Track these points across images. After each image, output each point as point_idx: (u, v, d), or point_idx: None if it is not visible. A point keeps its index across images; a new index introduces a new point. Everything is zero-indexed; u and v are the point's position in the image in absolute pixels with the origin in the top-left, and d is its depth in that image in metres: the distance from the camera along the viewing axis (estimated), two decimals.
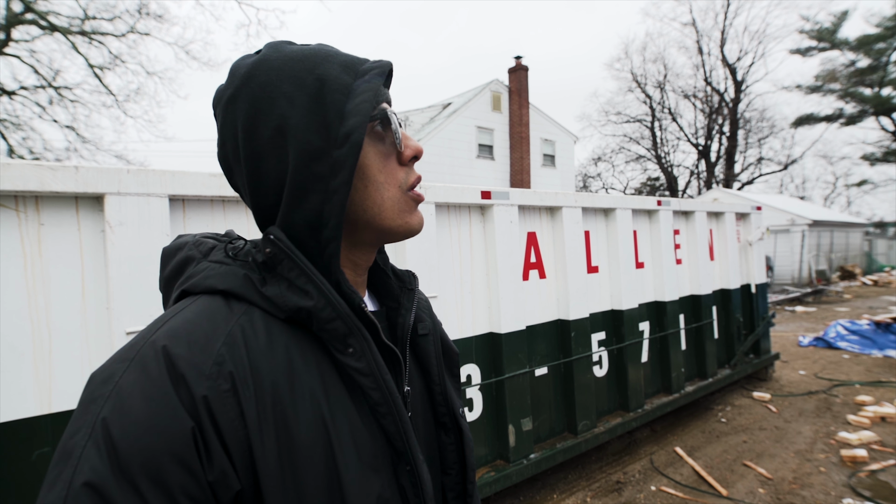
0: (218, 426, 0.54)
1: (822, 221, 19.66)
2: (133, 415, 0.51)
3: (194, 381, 0.54)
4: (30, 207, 1.91)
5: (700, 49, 30.14)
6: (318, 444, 0.58)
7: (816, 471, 3.87)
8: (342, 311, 0.62)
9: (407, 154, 0.70)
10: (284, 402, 0.58)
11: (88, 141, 14.45)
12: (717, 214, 5.61)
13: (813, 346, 8.22)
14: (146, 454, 0.50)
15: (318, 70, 0.64)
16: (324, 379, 0.61)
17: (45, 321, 1.92)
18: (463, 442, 0.78)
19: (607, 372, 4.14)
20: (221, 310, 0.61)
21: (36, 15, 12.95)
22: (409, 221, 0.70)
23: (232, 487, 0.54)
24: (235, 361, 0.57)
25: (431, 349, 0.78)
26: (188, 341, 0.56)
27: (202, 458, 0.52)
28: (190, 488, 0.51)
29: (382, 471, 0.62)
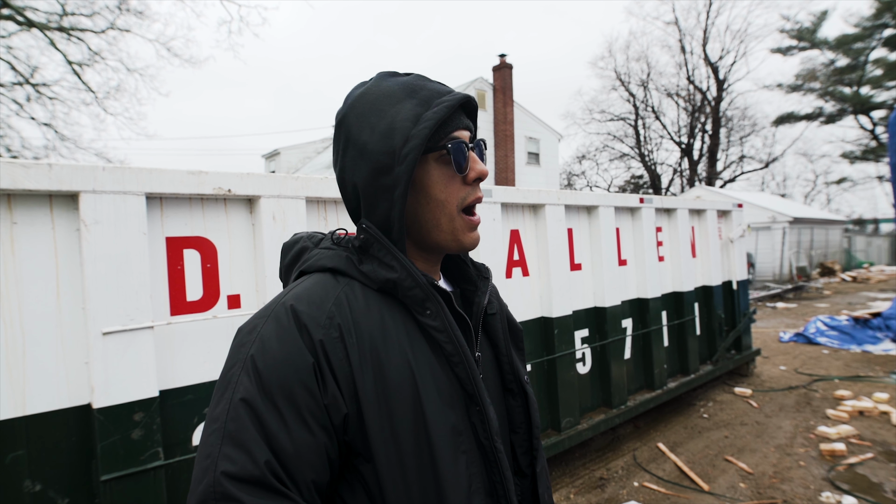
0: (331, 363, 0.73)
1: (802, 219, 19.97)
2: (272, 352, 0.72)
3: (313, 329, 0.73)
4: (2, 206, 1.87)
5: (683, 48, 30.46)
6: (405, 383, 0.75)
7: (796, 465, 3.94)
8: (420, 282, 0.79)
9: (470, 176, 0.83)
10: (379, 349, 0.75)
11: (67, 139, 14.18)
12: (699, 212, 5.67)
13: (793, 342, 8.35)
14: (282, 380, 0.70)
15: (399, 104, 0.80)
16: (409, 335, 0.79)
17: (18, 322, 1.88)
18: (528, 403, 0.92)
19: (591, 369, 4.16)
20: (330, 281, 0.80)
21: (13, 10, 12.67)
22: (461, 239, 0.85)
23: (341, 410, 0.72)
24: (342, 317, 0.76)
25: (499, 326, 0.93)
26: (308, 301, 0.76)
27: (320, 385, 0.72)
28: (312, 406, 0.71)
29: (457, 408, 0.79)
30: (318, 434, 0.71)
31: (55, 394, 1.93)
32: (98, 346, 1.95)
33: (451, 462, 0.76)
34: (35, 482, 1.88)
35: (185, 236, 2.26)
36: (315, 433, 0.70)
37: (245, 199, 2.42)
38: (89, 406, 1.97)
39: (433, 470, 0.75)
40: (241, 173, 2.35)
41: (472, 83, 19.60)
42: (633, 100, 32.10)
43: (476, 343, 0.87)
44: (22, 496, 1.85)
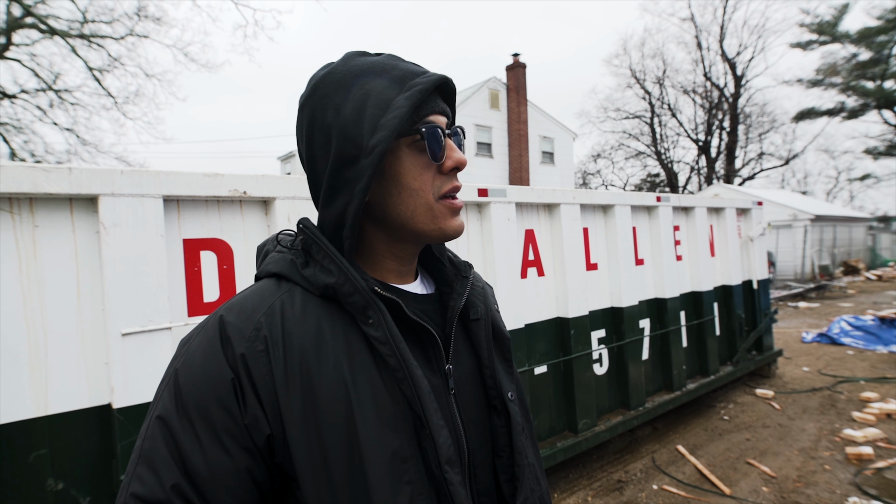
0: (252, 379, 0.66)
1: (824, 216, 19.58)
2: (194, 367, 0.68)
3: (236, 342, 0.68)
4: (24, 209, 1.90)
5: (699, 44, 30.05)
6: (339, 402, 0.67)
7: (821, 469, 3.85)
8: (359, 286, 0.70)
9: (447, 165, 0.75)
10: (310, 363, 0.68)
11: (89, 143, 14.48)
12: (717, 210, 5.59)
13: (816, 343, 8.19)
14: (199, 397, 0.66)
15: (368, 84, 0.72)
16: (350, 346, 0.71)
17: (40, 323, 1.91)
18: (510, 424, 0.81)
19: (608, 370, 4.12)
20: (271, 287, 0.74)
21: (36, 19, 12.96)
22: (443, 226, 0.77)
23: (263, 431, 0.66)
24: (271, 328, 0.69)
25: (482, 333, 0.84)
26: (239, 311, 0.71)
27: (240, 403, 0.66)
28: (229, 426, 0.65)
29: (402, 431, 0.69)
30: (238, 456, 0.65)
31: (76, 394, 1.96)
32: (118, 347, 1.97)
33: (390, 494, 0.67)
34: (57, 481, 1.91)
35: (202, 238, 2.28)
36: (233, 455, 0.65)
37: (260, 200, 2.43)
38: (109, 406, 1.99)
39: (367, 503, 0.66)
40: (256, 175, 2.37)
41: (486, 83, 19.57)
42: (649, 97, 31.77)
43: (448, 354, 0.78)
44: (45, 494, 1.89)
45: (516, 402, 0.84)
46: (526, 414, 0.90)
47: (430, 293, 0.85)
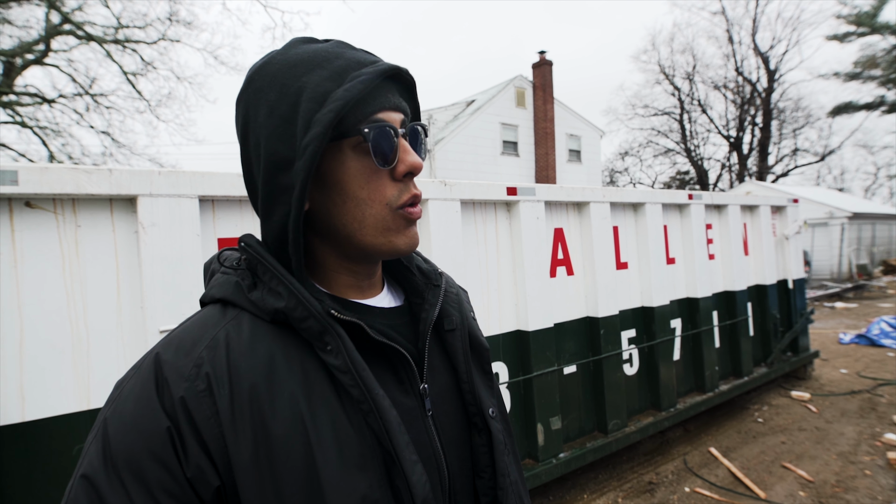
0: (195, 424, 0.57)
1: (862, 214, 18.94)
2: (124, 416, 0.58)
3: (174, 384, 0.58)
4: (67, 210, 1.96)
5: (730, 38, 29.35)
6: (295, 442, 0.58)
7: (861, 474, 3.73)
8: (314, 311, 0.62)
9: (399, 170, 0.65)
10: (262, 400, 0.59)
11: (123, 145, 14.87)
12: (751, 208, 5.45)
13: (855, 344, 7.93)
14: (129, 452, 0.56)
15: (305, 76, 0.63)
16: (307, 378, 0.62)
17: (82, 320, 1.97)
18: (492, 443, 0.74)
19: (638, 370, 4.06)
20: (215, 316, 0.65)
21: (73, 25, 13.37)
22: (394, 241, 0.67)
23: (211, 483, 0.57)
24: (214, 363, 0.60)
25: (458, 345, 0.76)
26: (177, 347, 0.61)
27: (179, 455, 0.56)
28: (167, 484, 0.55)
29: (371, 470, 0.60)
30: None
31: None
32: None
33: None
34: None
35: (236, 237, 2.32)
36: None
37: None
38: None
39: None
40: None
41: (512, 81, 19.47)
42: (679, 93, 31.17)
43: (422, 371, 0.71)
44: None
45: (498, 418, 0.77)
46: (507, 428, 0.82)
47: (398, 305, 0.77)
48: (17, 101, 13.29)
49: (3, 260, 1.85)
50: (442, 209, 2.83)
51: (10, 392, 1.84)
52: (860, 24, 26.65)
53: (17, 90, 13.32)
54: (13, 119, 13.18)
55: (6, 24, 12.37)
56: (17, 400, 1.85)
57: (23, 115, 13.29)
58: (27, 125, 13.25)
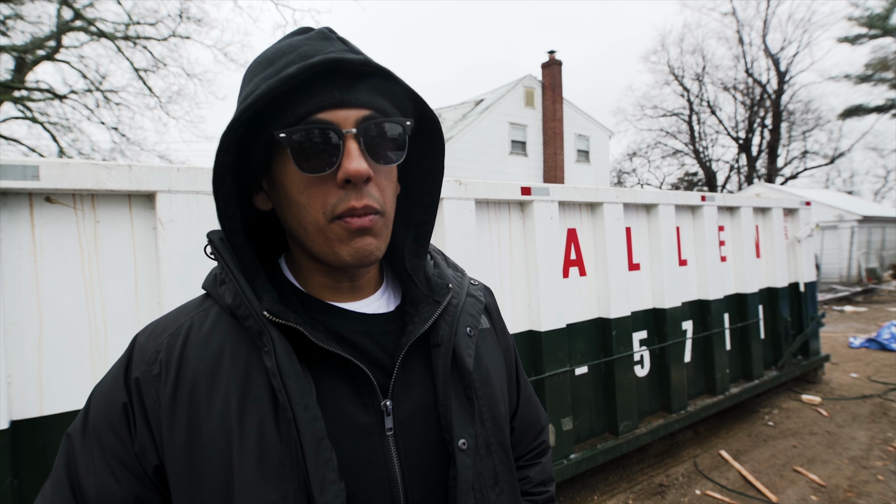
0: (143, 405, 0.62)
1: (872, 217, 18.78)
2: (101, 388, 0.66)
3: (136, 365, 0.64)
4: (86, 205, 1.97)
5: (741, 39, 29.21)
6: (221, 440, 0.59)
7: (874, 479, 3.70)
8: (253, 310, 0.62)
9: (338, 177, 0.60)
10: (200, 393, 0.61)
11: (133, 142, 14.96)
12: (763, 210, 5.42)
13: (865, 348, 7.87)
14: (96, 419, 0.63)
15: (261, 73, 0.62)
16: (249, 377, 0.62)
17: (100, 314, 1.98)
18: (456, 481, 0.65)
19: (649, 372, 4.04)
20: (193, 305, 0.70)
21: (84, 22, 13.45)
22: (338, 251, 0.62)
23: (151, 461, 0.61)
24: (169, 350, 0.64)
25: (440, 362, 0.70)
26: (151, 331, 0.67)
27: (131, 429, 0.62)
28: (119, 451, 0.62)
29: (290, 480, 0.58)
30: (127, 483, 0.61)
31: None
32: None
33: None
34: None
35: None
36: (121, 482, 0.61)
37: None
38: None
39: None
40: None
41: (521, 80, 19.44)
42: (688, 94, 31.03)
43: (390, 387, 0.66)
44: None
45: (471, 451, 0.68)
46: (506, 462, 0.75)
47: (387, 312, 0.73)
48: (28, 96, 13.39)
49: (22, 254, 1.85)
50: (456, 208, 2.82)
51: (29, 386, 1.85)
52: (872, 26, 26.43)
53: (29, 86, 13.40)
54: (24, 115, 13.28)
55: (18, 19, 12.46)
56: (36, 394, 1.86)
57: (34, 110, 13.39)
58: (38, 121, 13.36)
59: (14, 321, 1.83)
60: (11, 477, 1.80)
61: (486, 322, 0.85)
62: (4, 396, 1.77)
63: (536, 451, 0.95)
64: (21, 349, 1.83)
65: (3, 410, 1.77)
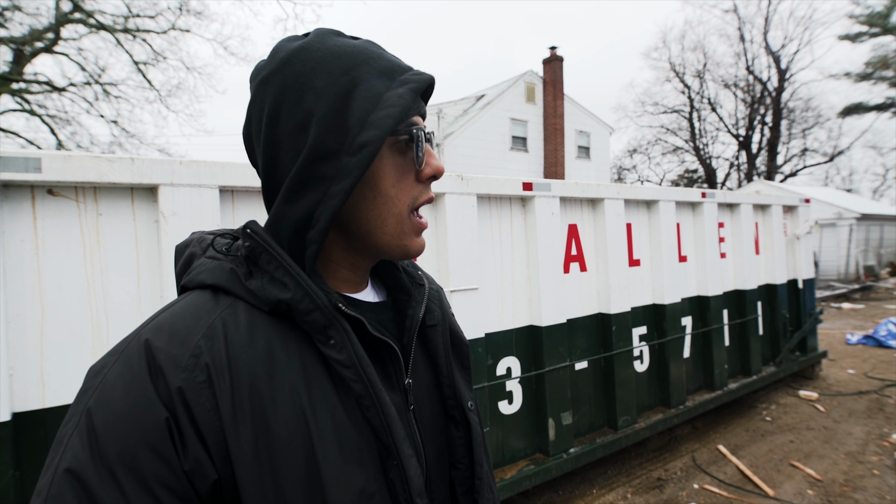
0: (193, 416, 0.55)
1: (871, 215, 18.81)
2: (113, 405, 0.54)
3: (171, 373, 0.55)
4: (89, 198, 1.97)
5: (742, 37, 29.12)
6: (296, 436, 0.58)
7: (869, 473, 3.72)
8: (320, 303, 0.61)
9: (426, 172, 0.69)
10: (262, 393, 0.58)
11: (133, 135, 14.90)
12: (763, 207, 5.43)
13: (862, 345, 7.90)
14: (123, 443, 0.52)
15: (353, 71, 0.63)
16: (306, 371, 0.61)
17: (102, 307, 1.98)
18: (471, 436, 0.77)
19: (648, 367, 4.06)
20: (208, 303, 0.62)
21: (83, 14, 13.38)
22: (407, 245, 0.70)
23: (208, 477, 0.55)
24: (213, 353, 0.58)
25: (440, 340, 0.78)
26: (169, 334, 0.58)
27: (177, 447, 0.54)
28: (165, 477, 0.52)
29: (368, 464, 0.61)
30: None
31: None
32: None
33: None
34: None
35: None
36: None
37: None
38: None
39: None
40: None
41: (522, 76, 19.39)
42: (688, 91, 30.97)
43: (407, 368, 0.72)
44: None
45: (475, 411, 0.80)
46: (480, 422, 0.84)
47: (382, 300, 0.78)
48: (26, 88, 13.33)
49: (24, 247, 1.86)
50: (458, 203, 2.83)
51: (31, 379, 1.86)
52: (872, 24, 26.38)
53: (27, 78, 13.34)
54: (22, 107, 13.22)
55: (17, 11, 12.39)
56: (38, 387, 1.87)
57: (32, 102, 13.33)
58: (36, 113, 13.29)
59: (16, 313, 1.83)
60: (13, 469, 1.80)
61: None
62: (6, 389, 1.78)
63: None
64: (23, 342, 1.84)
65: (4, 403, 1.77)
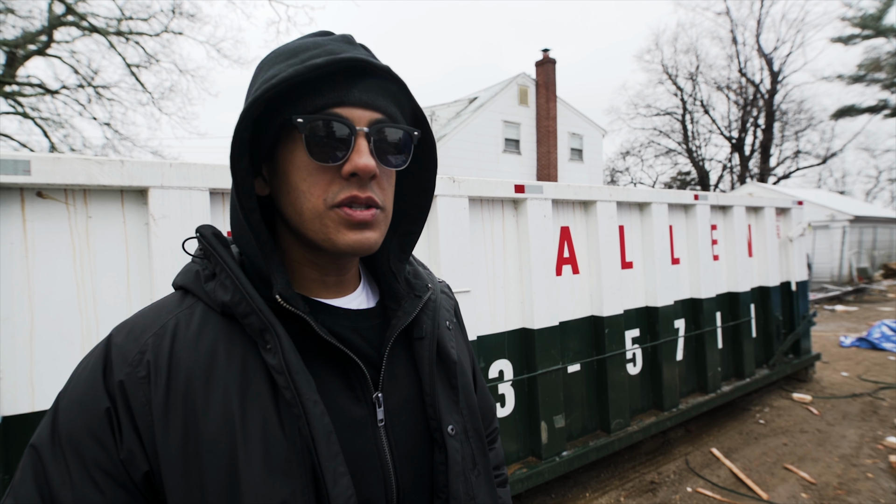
0: (130, 409, 0.58)
1: (864, 217, 18.94)
2: (73, 393, 0.61)
3: (117, 367, 0.60)
4: (78, 200, 1.96)
5: (734, 39, 29.32)
6: (222, 439, 0.58)
7: (863, 476, 3.74)
8: (255, 306, 0.61)
9: (345, 169, 0.62)
10: (196, 393, 0.59)
11: (126, 137, 14.85)
12: (756, 209, 5.45)
13: (856, 347, 7.94)
14: (72, 427, 0.58)
15: (280, 64, 0.63)
16: (246, 375, 0.61)
17: (92, 310, 1.97)
18: (447, 463, 0.70)
19: (641, 370, 4.06)
20: (172, 303, 0.66)
21: (76, 16, 13.33)
22: (334, 239, 0.63)
23: (139, 468, 0.58)
24: (157, 351, 0.60)
25: (425, 354, 0.73)
26: (129, 331, 0.63)
27: (115, 436, 0.58)
28: (103, 462, 0.57)
29: (296, 477, 0.59)
30: (111, 493, 0.57)
31: None
32: None
33: None
34: None
35: None
36: (105, 492, 0.57)
37: None
38: None
39: None
40: None
41: (515, 79, 19.44)
42: (681, 94, 31.15)
43: (379, 379, 0.69)
44: None
45: (459, 436, 0.73)
46: (481, 447, 0.79)
47: (370, 307, 0.75)
48: (19, 91, 13.27)
49: (14, 250, 1.84)
50: (450, 206, 2.83)
51: (21, 382, 1.84)
52: (865, 26, 26.61)
53: (20, 80, 13.28)
54: (15, 110, 13.16)
55: (9, 13, 12.33)
56: (27, 389, 1.85)
57: (25, 105, 13.27)
58: (29, 116, 13.24)
59: (5, 317, 1.81)
60: (3, 473, 1.79)
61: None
62: None
63: (491, 436, 1.00)
64: (12, 345, 1.82)
65: None
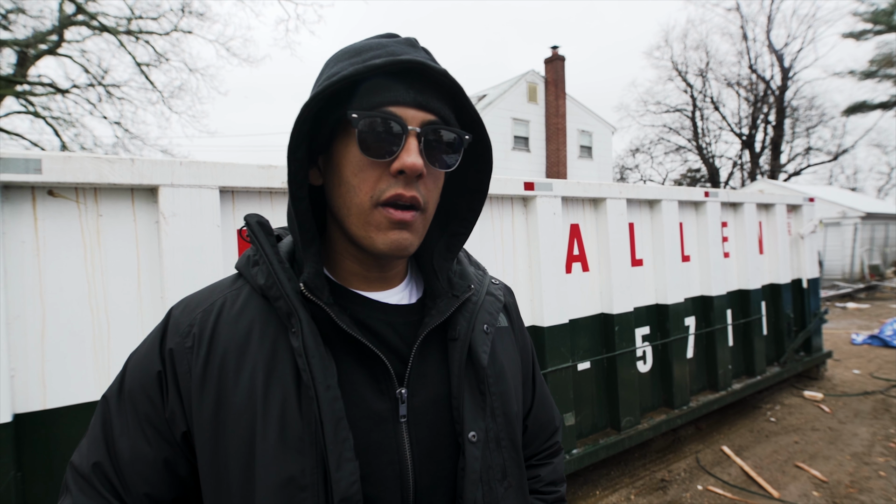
0: (176, 374, 0.67)
1: (876, 214, 18.72)
2: (137, 355, 0.71)
3: (170, 337, 0.69)
4: (89, 199, 1.97)
5: (745, 35, 29.03)
6: (246, 413, 0.63)
7: (876, 475, 3.70)
8: (284, 291, 0.66)
9: (394, 166, 0.63)
10: (229, 367, 0.65)
11: (136, 136, 14.95)
12: (766, 206, 5.40)
13: (867, 345, 7.86)
14: (133, 384, 0.69)
15: (344, 62, 0.65)
16: (275, 356, 0.66)
17: (103, 308, 1.98)
18: (465, 470, 0.69)
19: (651, 367, 4.04)
20: (226, 284, 0.73)
21: (86, 16, 13.42)
22: (373, 238, 0.65)
23: (179, 427, 0.66)
24: (202, 325, 0.68)
25: (456, 357, 0.73)
26: (185, 305, 0.72)
27: (163, 396, 0.67)
28: (152, 417, 0.67)
29: (308, 456, 0.62)
30: (157, 447, 0.66)
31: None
32: None
33: None
34: None
35: None
36: (153, 445, 0.66)
37: None
38: None
39: None
40: None
41: (524, 76, 19.37)
42: (691, 90, 30.90)
43: (405, 376, 0.69)
44: None
45: (481, 444, 0.71)
46: (516, 458, 0.77)
47: (409, 304, 0.76)
48: (30, 91, 13.38)
49: (25, 248, 1.85)
50: None
51: (32, 380, 1.85)
52: (877, 21, 26.25)
53: (31, 80, 13.39)
54: (26, 109, 13.27)
55: (20, 13, 12.43)
56: (39, 388, 1.87)
57: (36, 104, 13.38)
58: (40, 115, 13.35)
59: (17, 315, 1.83)
60: (15, 470, 1.80)
61: (503, 321, 0.86)
62: (7, 390, 1.78)
63: (549, 451, 0.97)
64: (24, 343, 1.83)
65: (6, 404, 1.77)
